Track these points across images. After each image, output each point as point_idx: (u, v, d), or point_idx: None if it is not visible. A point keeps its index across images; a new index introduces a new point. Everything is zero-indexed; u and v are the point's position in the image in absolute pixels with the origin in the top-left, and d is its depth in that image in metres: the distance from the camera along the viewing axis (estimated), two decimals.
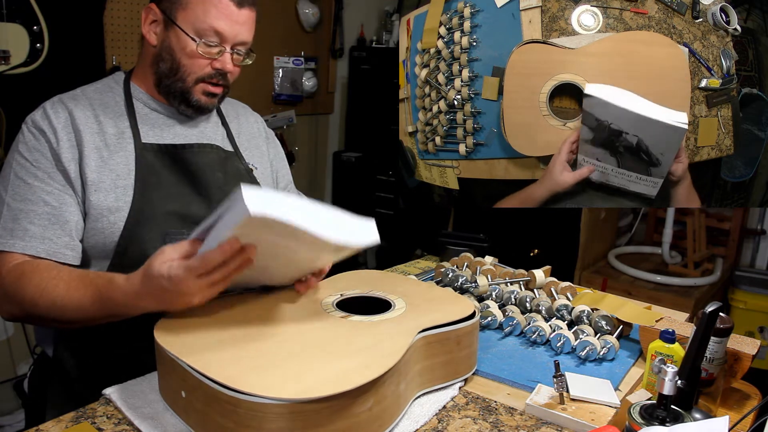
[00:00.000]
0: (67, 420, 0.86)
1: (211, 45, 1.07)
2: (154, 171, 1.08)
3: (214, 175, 1.14)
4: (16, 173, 1.03)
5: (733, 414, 1.01)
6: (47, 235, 1.01)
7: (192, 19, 1.06)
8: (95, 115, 1.08)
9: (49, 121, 1.05)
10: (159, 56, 1.10)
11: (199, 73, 1.09)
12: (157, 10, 1.08)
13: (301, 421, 0.72)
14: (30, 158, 1.03)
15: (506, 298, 1.32)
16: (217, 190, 1.13)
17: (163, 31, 1.09)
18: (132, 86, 1.14)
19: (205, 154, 1.14)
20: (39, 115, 1.06)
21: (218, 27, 1.06)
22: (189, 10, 1.06)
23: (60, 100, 1.09)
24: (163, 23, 1.08)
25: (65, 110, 1.06)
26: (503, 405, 0.96)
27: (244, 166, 1.21)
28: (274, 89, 3.12)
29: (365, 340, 0.87)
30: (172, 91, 1.11)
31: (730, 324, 0.96)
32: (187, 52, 1.07)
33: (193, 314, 0.93)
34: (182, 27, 1.06)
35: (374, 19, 3.67)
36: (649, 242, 3.26)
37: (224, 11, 1.06)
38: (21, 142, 1.05)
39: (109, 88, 1.14)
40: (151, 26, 1.09)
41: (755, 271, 3.11)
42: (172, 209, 1.07)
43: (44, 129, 1.04)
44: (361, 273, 1.20)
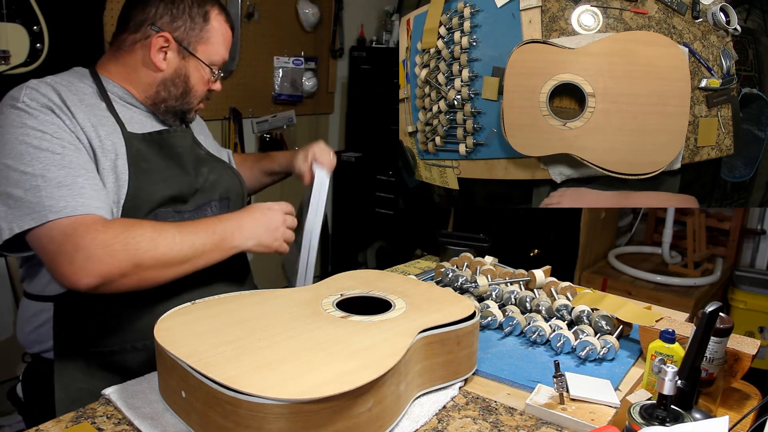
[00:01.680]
0: (67, 420, 0.86)
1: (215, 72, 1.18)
2: (144, 157, 1.09)
3: (194, 154, 1.20)
4: (37, 147, 0.97)
5: (733, 414, 1.01)
6: (102, 200, 1.00)
7: (211, 51, 1.15)
8: (80, 99, 1.06)
9: (48, 98, 1.01)
10: (170, 81, 1.14)
11: (202, 96, 1.19)
12: (171, 39, 1.11)
13: (302, 422, 0.72)
14: (48, 131, 0.98)
15: (506, 298, 1.33)
16: (199, 168, 1.19)
17: (177, 59, 1.13)
18: (103, 79, 1.12)
19: (183, 137, 1.19)
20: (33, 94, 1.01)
21: (225, 56, 1.18)
22: (210, 44, 1.15)
23: (40, 82, 1.04)
24: (177, 52, 1.13)
25: (55, 92, 1.03)
26: (503, 405, 0.96)
27: (204, 151, 1.26)
28: (274, 89, 3.12)
29: (365, 341, 0.87)
30: (172, 110, 1.16)
31: (730, 324, 0.96)
32: (205, 81, 1.17)
33: (193, 314, 0.93)
34: (203, 59, 1.15)
35: (374, 19, 3.67)
36: (649, 242, 3.26)
37: (228, 40, 1.19)
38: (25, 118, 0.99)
39: (79, 77, 1.11)
40: (160, 52, 1.11)
41: (755, 271, 3.11)
42: (166, 193, 1.10)
43: (49, 105, 1.00)
44: (361, 273, 1.20)
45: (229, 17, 1.19)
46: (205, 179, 1.19)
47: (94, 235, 0.93)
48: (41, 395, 1.12)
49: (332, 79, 3.47)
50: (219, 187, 1.21)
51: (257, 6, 2.86)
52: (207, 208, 1.18)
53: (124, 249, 0.94)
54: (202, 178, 1.19)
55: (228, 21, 1.18)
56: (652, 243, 3.23)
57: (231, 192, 1.24)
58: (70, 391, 1.08)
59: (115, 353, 1.08)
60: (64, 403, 1.07)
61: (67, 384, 1.09)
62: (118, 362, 1.08)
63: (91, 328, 1.07)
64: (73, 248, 0.93)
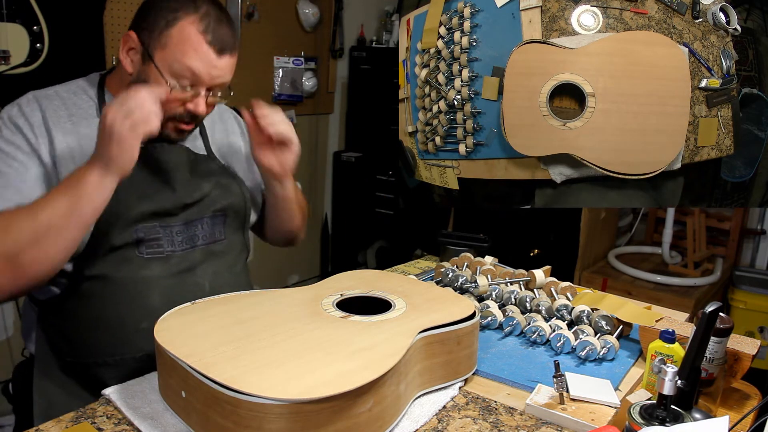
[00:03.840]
0: (67, 420, 0.86)
1: (186, 88, 1.04)
2: None
3: (182, 172, 1.13)
4: None
5: (733, 414, 1.01)
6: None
7: (170, 59, 1.02)
8: (69, 115, 1.07)
9: (25, 117, 1.03)
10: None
11: (171, 113, 1.06)
12: (136, 39, 1.04)
13: (302, 422, 0.72)
14: (5, 149, 1.02)
15: (506, 298, 1.33)
16: (185, 185, 1.13)
17: (140, 62, 1.05)
18: (106, 93, 1.12)
19: (175, 153, 1.13)
20: (15, 111, 1.04)
21: (195, 69, 1.03)
22: (168, 50, 1.02)
23: (35, 98, 1.07)
24: (141, 54, 1.04)
25: (38, 110, 1.05)
26: (503, 405, 0.96)
27: (218, 165, 1.21)
28: (274, 89, 3.12)
29: (365, 341, 0.87)
30: None
31: (730, 324, 0.96)
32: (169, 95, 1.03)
33: (193, 314, 0.93)
34: (159, 66, 1.03)
35: (374, 19, 3.67)
36: (649, 242, 3.26)
37: (203, 57, 1.03)
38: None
39: (83, 89, 1.11)
40: (129, 53, 1.05)
41: (755, 271, 3.11)
42: (145, 207, 1.07)
43: (20, 125, 1.03)
44: (361, 273, 1.20)
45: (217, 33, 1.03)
46: (202, 194, 1.15)
47: None
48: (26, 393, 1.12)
49: (332, 79, 3.47)
50: (216, 204, 1.17)
51: (257, 6, 2.86)
52: (198, 224, 1.14)
53: None
54: (199, 193, 1.14)
55: (205, 34, 1.02)
56: (652, 243, 3.23)
57: (230, 209, 1.19)
58: (47, 395, 1.09)
59: (90, 366, 1.07)
60: (41, 407, 1.08)
61: (44, 388, 1.09)
62: (93, 374, 1.07)
63: (68, 338, 1.08)
64: None
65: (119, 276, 1.05)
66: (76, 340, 1.07)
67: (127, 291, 1.06)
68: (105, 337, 1.06)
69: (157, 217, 1.09)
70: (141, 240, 1.07)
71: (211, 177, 1.18)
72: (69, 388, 1.10)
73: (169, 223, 1.10)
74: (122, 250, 1.06)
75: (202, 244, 1.15)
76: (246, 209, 1.24)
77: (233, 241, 1.22)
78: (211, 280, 1.14)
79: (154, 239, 1.08)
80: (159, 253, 1.09)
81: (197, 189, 1.14)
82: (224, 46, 1.04)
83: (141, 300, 1.05)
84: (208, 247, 1.16)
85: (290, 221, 1.34)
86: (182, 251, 1.12)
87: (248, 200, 1.25)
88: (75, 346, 1.07)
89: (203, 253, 1.15)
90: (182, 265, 1.11)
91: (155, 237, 1.08)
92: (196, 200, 1.14)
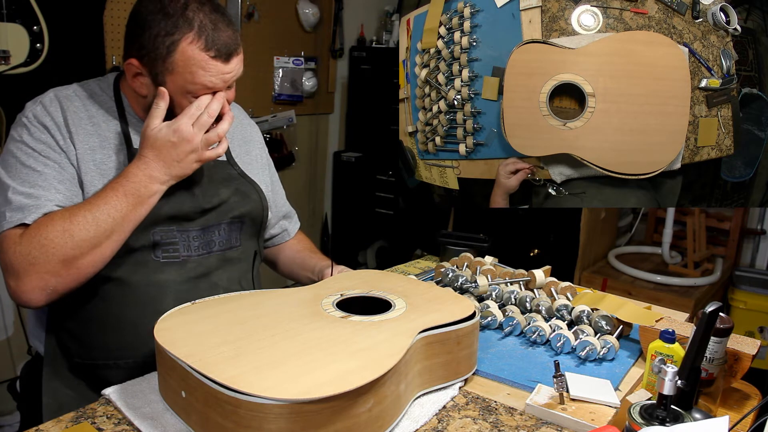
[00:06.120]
0: (67, 420, 0.86)
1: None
2: None
3: (202, 178, 1.14)
4: (22, 162, 1.01)
5: (733, 414, 1.01)
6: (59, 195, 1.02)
7: (181, 82, 1.02)
8: (89, 116, 1.07)
9: (51, 117, 1.04)
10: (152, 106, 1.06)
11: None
12: (139, 65, 1.02)
13: (302, 422, 0.72)
14: (37, 148, 1.02)
15: (506, 298, 1.32)
16: (204, 191, 1.13)
17: (152, 84, 1.04)
18: (122, 95, 1.12)
19: None
20: (39, 110, 1.05)
21: (209, 83, 1.03)
22: (176, 74, 1.01)
23: (56, 97, 1.07)
24: (150, 77, 1.03)
25: (60, 110, 1.05)
26: (503, 405, 0.96)
27: (238, 170, 1.21)
28: (274, 89, 3.12)
29: (365, 341, 0.87)
30: None
31: (730, 324, 0.96)
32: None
33: (193, 314, 0.93)
34: (171, 90, 1.03)
35: (374, 19, 3.67)
36: (649, 242, 3.26)
37: (213, 70, 1.02)
38: (24, 134, 1.03)
39: (102, 89, 1.12)
40: (137, 78, 1.05)
41: (755, 271, 3.11)
42: (164, 210, 1.07)
43: (47, 125, 1.04)
44: (361, 273, 1.20)
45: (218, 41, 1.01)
46: (221, 200, 1.14)
47: (14, 248, 0.96)
48: (35, 392, 1.12)
49: (332, 79, 3.47)
50: (234, 210, 1.17)
51: (257, 6, 2.86)
52: (215, 230, 1.14)
53: (42, 253, 0.95)
54: (217, 199, 1.14)
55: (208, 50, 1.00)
56: (652, 243, 3.23)
57: (247, 216, 1.19)
58: (57, 396, 1.09)
59: (99, 368, 1.08)
60: (50, 408, 1.07)
61: (55, 389, 1.09)
62: (101, 376, 1.07)
63: (79, 339, 1.08)
64: (5, 267, 0.98)
65: (134, 279, 1.06)
66: (88, 341, 1.07)
67: (142, 295, 1.06)
68: (117, 339, 1.06)
69: (174, 221, 1.09)
70: (157, 243, 1.07)
71: (230, 183, 1.18)
72: (79, 389, 1.10)
73: (186, 228, 1.10)
74: (139, 252, 1.06)
75: (218, 250, 1.15)
76: (263, 217, 1.24)
77: (248, 247, 1.22)
78: (225, 286, 1.14)
79: (171, 243, 1.08)
80: (175, 257, 1.09)
81: (216, 195, 1.14)
82: (229, 51, 1.03)
83: (155, 304, 1.05)
84: (223, 253, 1.16)
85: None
86: (198, 256, 1.12)
87: (266, 208, 1.24)
88: (86, 347, 1.07)
89: (219, 259, 1.15)
90: (198, 270, 1.11)
91: (172, 241, 1.09)
92: (214, 206, 1.14)
